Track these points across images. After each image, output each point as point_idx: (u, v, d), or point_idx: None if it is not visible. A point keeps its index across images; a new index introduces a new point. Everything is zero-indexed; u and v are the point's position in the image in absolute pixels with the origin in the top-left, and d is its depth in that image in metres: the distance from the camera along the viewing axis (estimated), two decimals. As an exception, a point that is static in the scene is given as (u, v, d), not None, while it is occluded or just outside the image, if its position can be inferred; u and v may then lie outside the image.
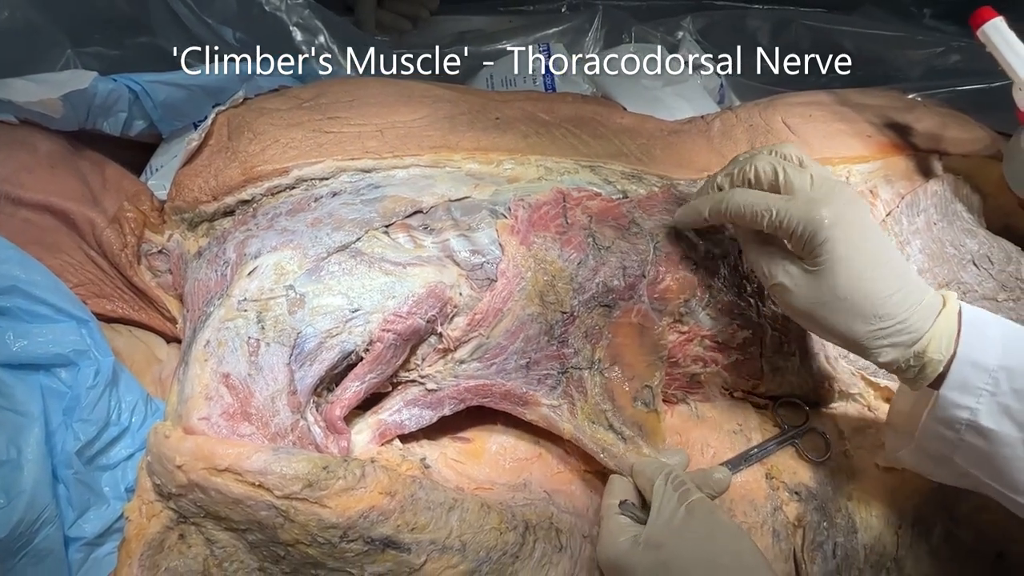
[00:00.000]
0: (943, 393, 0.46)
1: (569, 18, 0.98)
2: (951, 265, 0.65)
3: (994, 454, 0.45)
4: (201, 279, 0.54)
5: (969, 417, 0.45)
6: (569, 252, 0.55)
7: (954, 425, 0.46)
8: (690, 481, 0.48)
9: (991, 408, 0.45)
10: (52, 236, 0.56)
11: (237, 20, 0.74)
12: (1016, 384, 0.44)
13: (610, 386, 0.54)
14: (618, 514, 0.48)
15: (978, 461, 0.47)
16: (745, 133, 0.69)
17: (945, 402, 0.46)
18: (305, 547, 0.44)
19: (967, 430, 0.46)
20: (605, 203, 0.58)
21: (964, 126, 0.72)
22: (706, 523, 0.44)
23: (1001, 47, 0.60)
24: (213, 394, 0.47)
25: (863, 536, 0.56)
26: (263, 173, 0.56)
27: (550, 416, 0.53)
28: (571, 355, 0.53)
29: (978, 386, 0.45)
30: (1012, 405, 0.44)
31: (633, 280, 0.55)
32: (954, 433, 0.46)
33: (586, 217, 0.57)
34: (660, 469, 0.49)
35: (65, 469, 0.46)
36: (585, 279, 0.54)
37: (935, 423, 0.47)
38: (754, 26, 1.01)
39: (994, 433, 0.45)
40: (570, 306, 0.53)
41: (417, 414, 0.53)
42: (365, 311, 0.51)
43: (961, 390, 0.45)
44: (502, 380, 0.53)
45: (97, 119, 0.61)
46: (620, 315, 0.54)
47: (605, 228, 0.56)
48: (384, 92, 0.65)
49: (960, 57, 0.92)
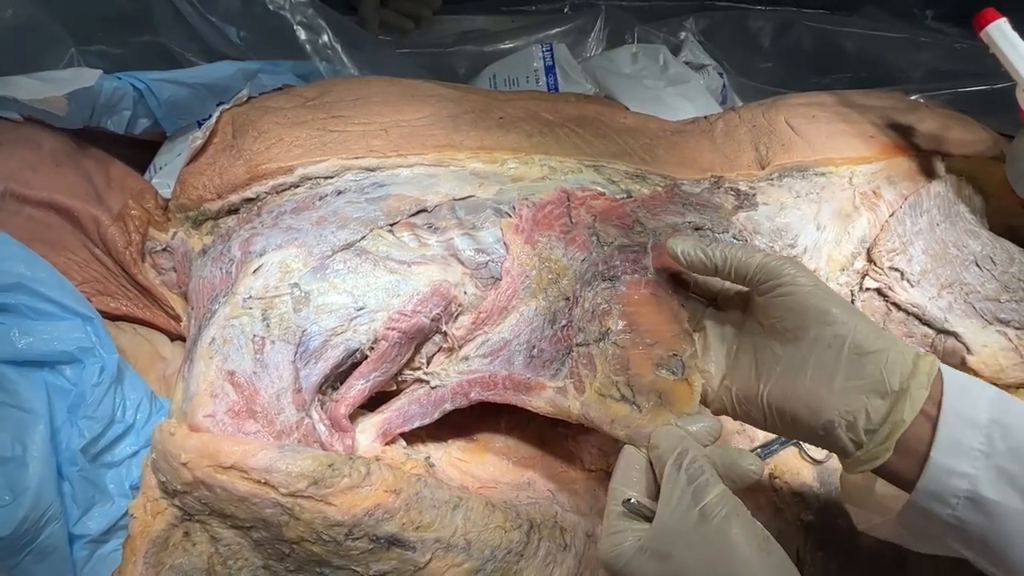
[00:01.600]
0: (935, 458, 0.38)
1: (572, 18, 0.98)
2: (954, 266, 0.65)
3: (994, 532, 0.38)
4: (206, 277, 0.54)
5: (968, 487, 0.38)
6: (573, 251, 0.55)
7: (948, 499, 0.38)
8: (710, 468, 0.39)
9: (990, 474, 0.37)
10: (56, 234, 0.56)
11: (241, 19, 0.74)
12: (1012, 442, 0.38)
13: (625, 354, 0.48)
14: (622, 513, 0.41)
15: (973, 542, 0.39)
16: (748, 134, 0.69)
17: (937, 470, 0.38)
18: (310, 545, 0.44)
19: (964, 504, 0.38)
20: (609, 202, 0.58)
21: (966, 127, 0.72)
22: (720, 538, 0.37)
23: (1005, 48, 0.60)
24: (218, 391, 0.47)
25: (866, 536, 0.56)
26: (268, 171, 0.56)
27: (556, 399, 0.49)
28: (575, 333, 0.50)
29: (972, 446, 0.38)
30: (1011, 469, 0.37)
31: (636, 255, 0.53)
32: (948, 509, 0.39)
33: (590, 216, 0.57)
34: (679, 444, 0.41)
35: (70, 466, 0.46)
36: (588, 267, 0.53)
37: (925, 498, 0.39)
38: (756, 27, 1.01)
39: (995, 505, 0.37)
40: (572, 292, 0.52)
41: (421, 412, 0.53)
42: (370, 309, 0.51)
43: (954, 452, 0.38)
44: (506, 370, 0.52)
45: (101, 117, 0.61)
46: (626, 288, 0.51)
47: (609, 227, 0.56)
48: (388, 91, 0.65)
49: (962, 58, 0.93)
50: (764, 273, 0.45)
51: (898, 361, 0.41)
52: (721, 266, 0.46)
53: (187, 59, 0.74)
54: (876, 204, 0.66)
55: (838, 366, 0.42)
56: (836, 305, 0.43)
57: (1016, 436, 0.38)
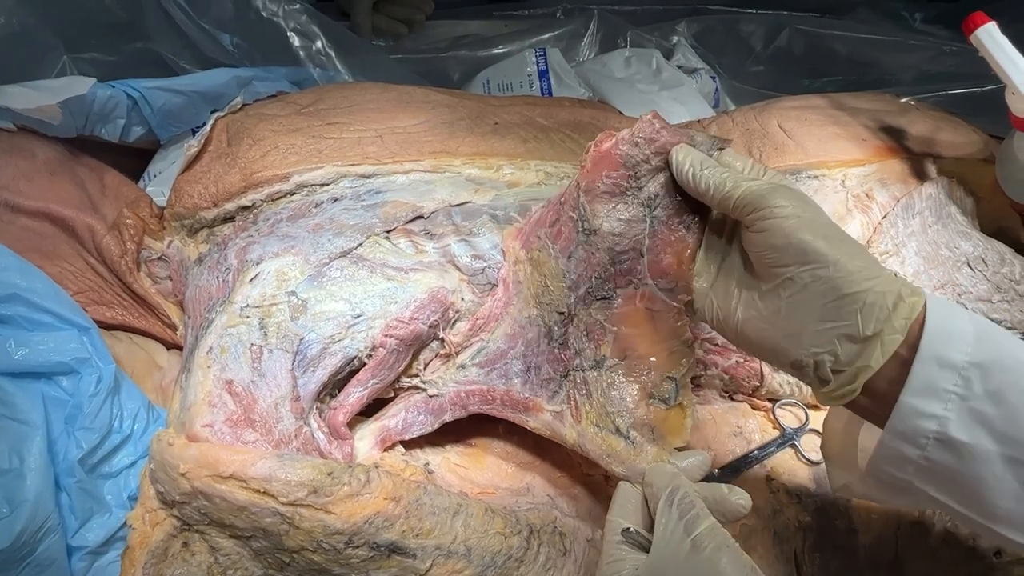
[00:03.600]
0: (903, 400, 0.38)
1: (564, 23, 0.99)
2: (946, 267, 0.66)
3: (965, 473, 0.37)
4: (202, 285, 0.54)
5: (937, 428, 0.37)
6: (559, 245, 0.51)
7: (918, 440, 0.38)
8: (700, 503, 0.41)
9: (962, 416, 0.37)
10: (51, 243, 0.56)
11: (234, 25, 0.74)
12: (991, 384, 0.36)
13: (620, 384, 0.50)
14: (620, 543, 0.42)
15: (945, 483, 0.39)
16: (741, 137, 0.70)
17: (906, 411, 0.38)
18: (310, 553, 0.44)
19: (934, 445, 0.38)
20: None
21: (957, 129, 0.73)
22: (711, 568, 0.37)
23: (994, 51, 0.61)
24: (216, 401, 0.47)
25: (863, 537, 0.57)
26: (263, 179, 0.56)
27: (553, 424, 0.50)
28: (572, 356, 0.50)
29: (946, 388, 0.37)
30: (987, 411, 0.36)
31: (629, 264, 0.50)
32: (917, 450, 0.38)
33: (576, 190, 0.51)
34: (671, 482, 0.43)
35: (67, 478, 0.46)
36: (578, 275, 0.50)
37: (894, 439, 0.39)
38: (748, 31, 1.02)
39: (966, 447, 0.37)
40: (566, 305, 0.51)
41: (419, 420, 0.53)
42: (367, 316, 0.51)
43: (925, 394, 0.37)
44: (504, 385, 0.52)
45: (95, 126, 0.60)
46: (622, 304, 0.50)
47: (596, 201, 0.50)
48: (383, 97, 0.65)
49: (951, 61, 0.93)
50: (746, 204, 0.43)
51: (876, 304, 0.39)
52: (704, 192, 0.45)
53: (180, 66, 0.74)
54: (869, 206, 0.66)
55: (813, 308, 0.41)
56: (819, 238, 0.41)
57: (996, 378, 0.37)
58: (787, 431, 0.61)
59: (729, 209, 0.44)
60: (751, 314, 0.44)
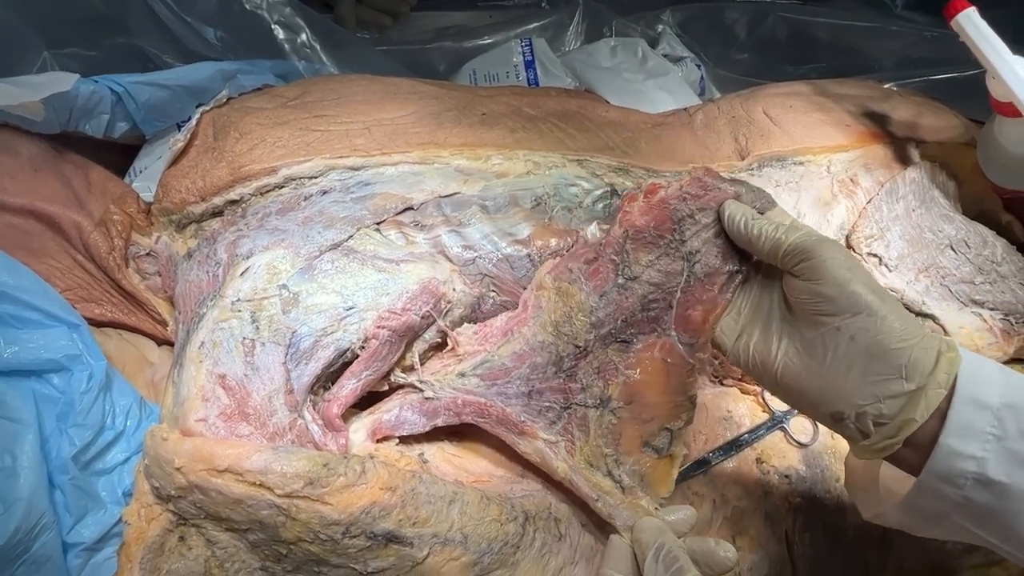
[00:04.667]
0: (943, 441, 0.39)
1: (549, 13, 0.98)
2: (930, 250, 0.67)
3: (1003, 511, 0.39)
4: (192, 280, 0.54)
5: (976, 469, 0.38)
6: (593, 283, 0.51)
7: (956, 480, 0.39)
8: (684, 557, 0.42)
9: (1000, 456, 0.38)
10: (38, 241, 0.55)
11: (218, 19, 0.74)
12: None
13: (619, 427, 0.50)
14: None
15: (982, 519, 0.40)
16: (727, 125, 0.70)
17: (945, 453, 0.39)
18: (307, 545, 0.44)
19: (972, 486, 0.39)
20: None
21: (939, 114, 0.74)
22: None
23: (974, 36, 0.61)
24: (210, 395, 0.47)
25: (852, 516, 0.58)
26: (251, 172, 0.56)
27: (545, 452, 0.50)
28: (578, 390, 0.50)
29: (983, 429, 0.38)
30: (1022, 450, 0.38)
31: (657, 313, 0.50)
32: (956, 490, 0.39)
33: (621, 233, 0.51)
34: (658, 536, 0.45)
35: (61, 475, 0.46)
36: (606, 314, 0.50)
37: (933, 480, 0.40)
38: (732, 19, 1.02)
39: (1004, 487, 0.38)
40: (584, 340, 0.50)
41: (412, 420, 0.53)
42: (359, 308, 0.51)
43: (963, 436, 0.38)
44: (501, 403, 0.51)
45: (79, 121, 0.60)
46: (640, 350, 0.50)
47: (641, 249, 0.50)
48: (370, 89, 0.65)
49: (933, 47, 0.94)
50: (798, 252, 0.44)
51: (920, 359, 0.40)
52: (756, 239, 0.46)
53: (163, 61, 0.73)
54: (853, 191, 0.67)
55: (858, 359, 0.41)
56: (867, 293, 0.42)
57: None
58: (776, 414, 0.62)
59: (779, 256, 0.45)
60: (791, 362, 0.44)
